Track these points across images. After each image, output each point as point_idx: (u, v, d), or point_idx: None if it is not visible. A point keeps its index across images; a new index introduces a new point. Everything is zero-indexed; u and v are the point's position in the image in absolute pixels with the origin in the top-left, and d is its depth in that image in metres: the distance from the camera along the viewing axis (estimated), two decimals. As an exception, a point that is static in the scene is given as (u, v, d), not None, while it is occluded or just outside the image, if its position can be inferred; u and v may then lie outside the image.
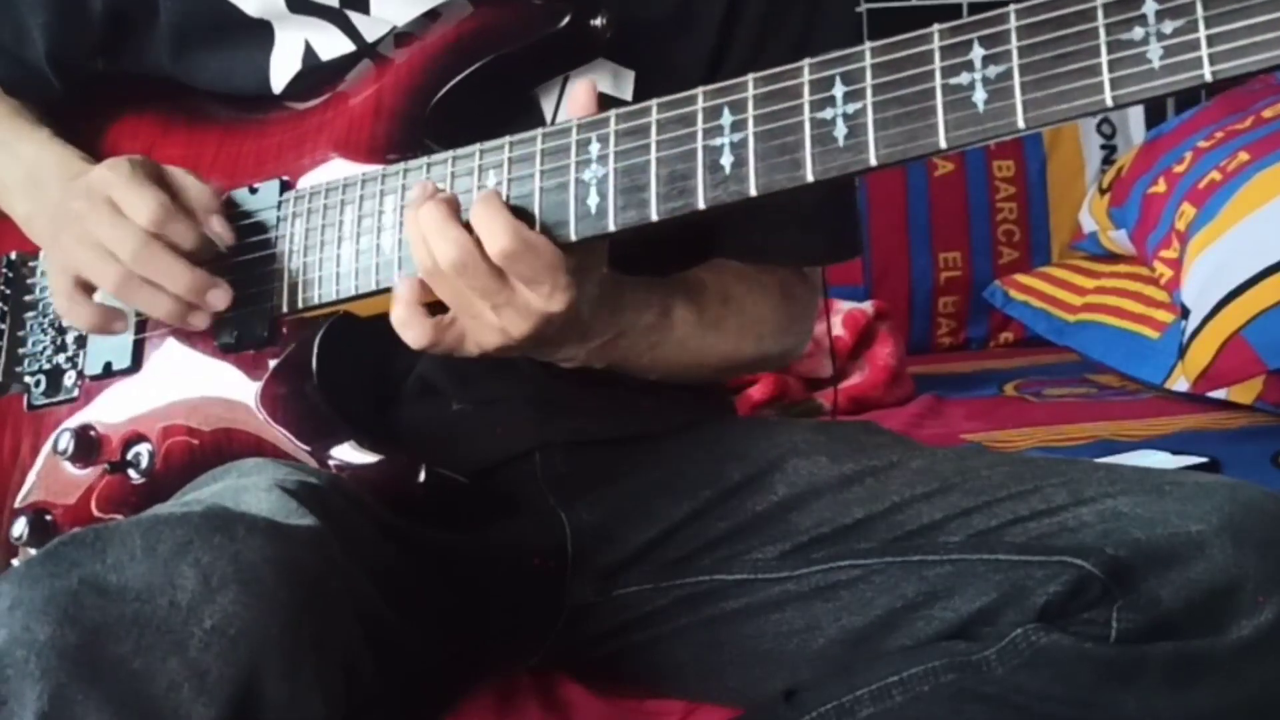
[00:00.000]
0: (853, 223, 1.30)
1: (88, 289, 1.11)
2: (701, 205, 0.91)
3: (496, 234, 0.94)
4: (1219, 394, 2.10)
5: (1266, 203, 2.10)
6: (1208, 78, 0.75)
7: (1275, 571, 0.95)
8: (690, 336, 1.15)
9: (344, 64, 1.16)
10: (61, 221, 1.11)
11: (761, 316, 1.23)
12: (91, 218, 1.07)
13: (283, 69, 1.19)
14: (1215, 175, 2.22)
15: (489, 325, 0.98)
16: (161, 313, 1.09)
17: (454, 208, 0.97)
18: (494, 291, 0.96)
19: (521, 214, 0.96)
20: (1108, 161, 2.75)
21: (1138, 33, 0.77)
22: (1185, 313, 2.12)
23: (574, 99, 0.98)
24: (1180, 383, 2.17)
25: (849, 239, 1.30)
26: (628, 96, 1.14)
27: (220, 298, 1.08)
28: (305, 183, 1.11)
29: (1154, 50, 0.76)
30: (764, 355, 1.27)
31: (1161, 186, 2.36)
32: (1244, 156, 2.21)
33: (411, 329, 0.99)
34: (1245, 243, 2.08)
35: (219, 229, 1.09)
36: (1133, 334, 2.34)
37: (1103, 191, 2.59)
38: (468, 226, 0.96)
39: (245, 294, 1.10)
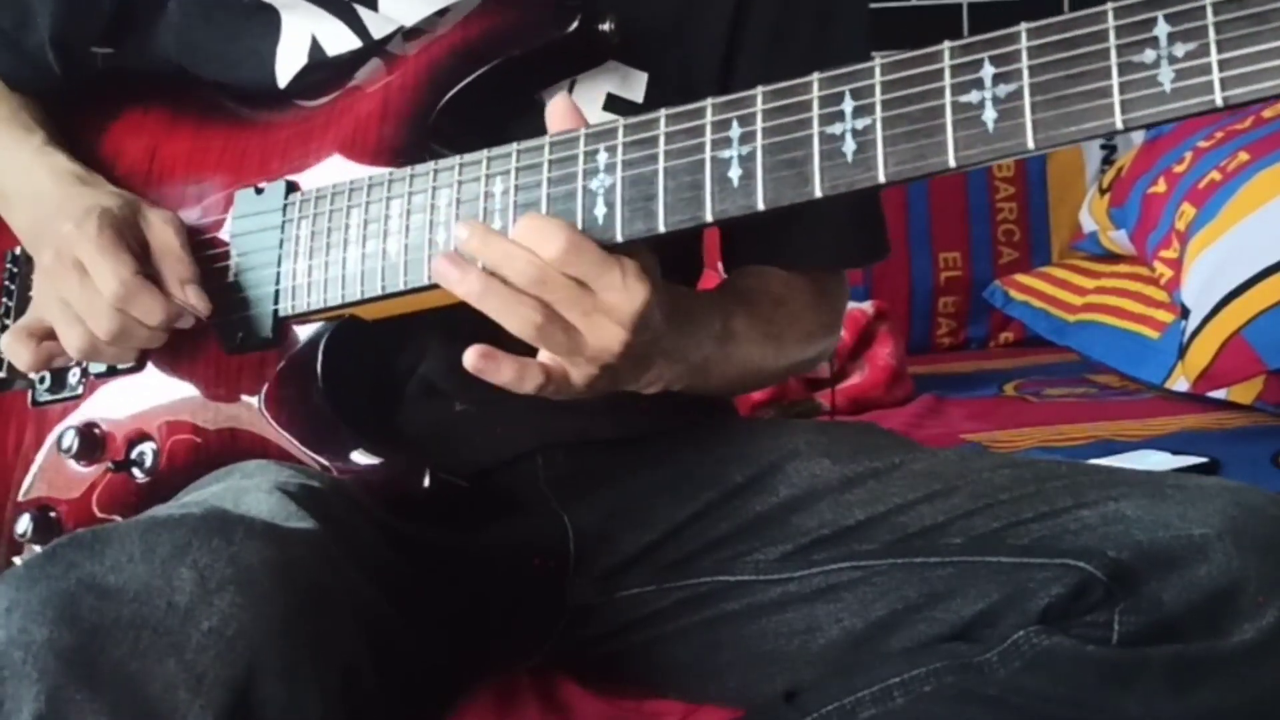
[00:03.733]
0: (883, 223, 1.30)
1: (44, 333, 1.12)
2: (709, 218, 0.91)
3: (549, 235, 0.93)
4: (1219, 394, 2.10)
5: (1266, 203, 2.10)
6: (1219, 103, 0.74)
7: (1276, 574, 0.96)
8: (754, 344, 1.15)
9: (351, 61, 1.16)
10: (37, 266, 1.12)
11: (807, 318, 1.24)
12: (60, 279, 1.07)
13: (288, 62, 1.19)
14: (1215, 175, 2.22)
15: (588, 349, 0.95)
16: (129, 361, 1.13)
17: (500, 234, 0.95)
18: (578, 298, 0.93)
19: None
20: (1108, 161, 2.75)
21: (1149, 55, 0.76)
22: (1185, 313, 2.12)
23: (553, 115, 0.98)
24: (1180, 383, 2.17)
25: (880, 240, 1.31)
26: (638, 99, 1.14)
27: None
28: (310, 183, 1.11)
29: (1165, 73, 0.76)
30: (813, 357, 1.28)
31: (1161, 186, 2.36)
32: (1244, 156, 2.20)
33: (526, 380, 0.96)
34: (1245, 243, 2.08)
35: (195, 301, 1.08)
36: (1133, 334, 2.34)
37: (1103, 191, 2.59)
38: None
39: (249, 296, 1.10)
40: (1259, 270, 2.03)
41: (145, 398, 1.15)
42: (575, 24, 1.07)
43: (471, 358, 0.95)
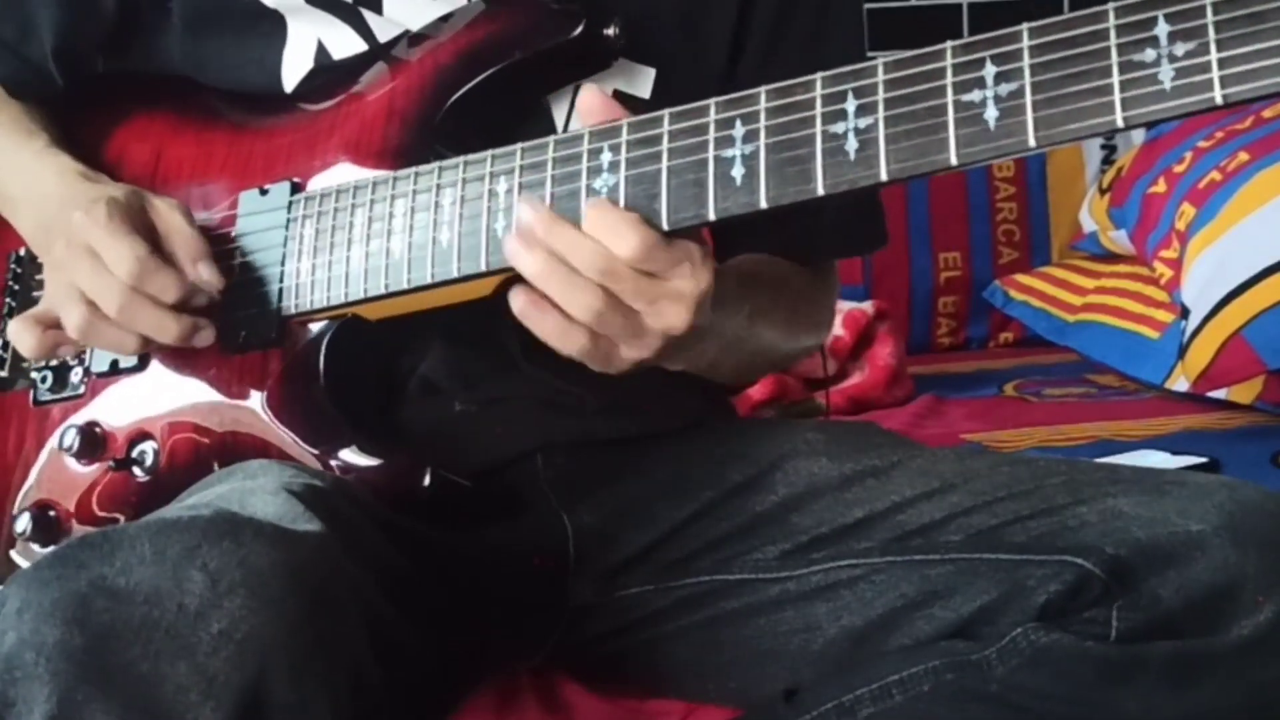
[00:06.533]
0: (880, 213, 1.32)
1: (51, 322, 1.12)
2: (712, 216, 0.91)
3: (623, 234, 0.92)
4: (1219, 394, 2.10)
5: (1266, 203, 2.10)
6: (1219, 100, 0.75)
7: (1274, 571, 0.96)
8: (772, 327, 1.18)
9: (356, 64, 1.16)
10: (48, 261, 1.12)
11: (810, 308, 1.27)
12: (71, 266, 1.07)
13: (295, 67, 1.19)
14: (1215, 175, 2.22)
15: (650, 332, 0.95)
16: (131, 351, 1.10)
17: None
18: (646, 287, 0.93)
19: None
20: (1108, 161, 2.75)
21: (1149, 54, 0.77)
22: (1185, 313, 2.12)
23: (586, 106, 0.98)
24: (1180, 383, 2.17)
25: (878, 229, 1.32)
26: (645, 94, 1.15)
27: (205, 338, 1.08)
28: (315, 185, 1.11)
29: (1165, 72, 0.77)
30: (813, 344, 1.32)
31: (1161, 186, 2.36)
32: (1244, 156, 2.21)
33: (569, 339, 0.96)
34: (1245, 243, 2.08)
35: (208, 276, 1.08)
36: (1133, 334, 2.34)
37: (1103, 191, 2.59)
38: None
39: (253, 295, 1.11)
40: (1259, 270, 2.03)
41: (147, 397, 1.15)
42: (579, 29, 1.07)
43: (519, 303, 0.95)
